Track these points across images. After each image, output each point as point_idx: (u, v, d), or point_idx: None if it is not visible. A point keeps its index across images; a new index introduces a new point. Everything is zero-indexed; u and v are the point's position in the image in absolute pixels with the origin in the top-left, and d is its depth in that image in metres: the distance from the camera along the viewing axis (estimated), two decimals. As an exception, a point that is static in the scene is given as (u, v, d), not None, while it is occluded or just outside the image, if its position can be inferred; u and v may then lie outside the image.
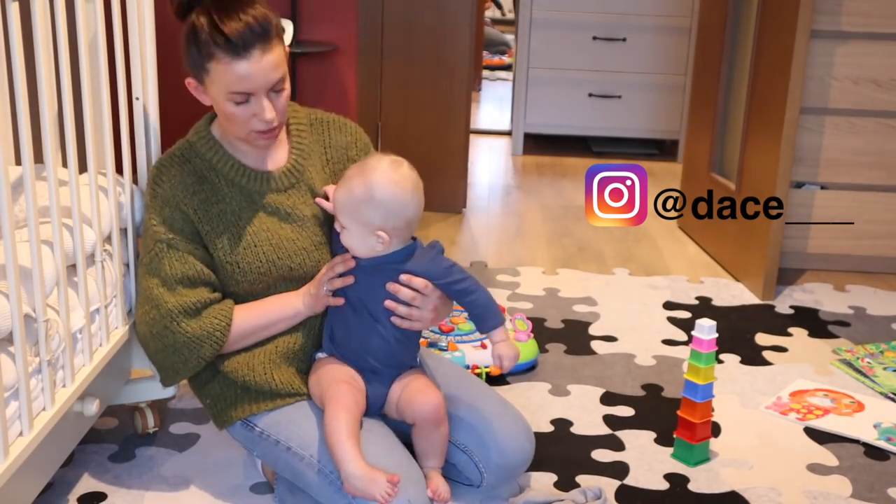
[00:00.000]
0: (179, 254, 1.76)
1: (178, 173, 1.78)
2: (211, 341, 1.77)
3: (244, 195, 1.80)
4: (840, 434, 2.24)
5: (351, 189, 1.72)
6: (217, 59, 1.68)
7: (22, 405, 1.56)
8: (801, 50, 2.86)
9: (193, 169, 1.79)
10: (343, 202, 1.73)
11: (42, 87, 1.59)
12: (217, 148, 1.80)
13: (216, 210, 1.78)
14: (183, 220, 1.76)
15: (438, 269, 1.78)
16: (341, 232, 1.75)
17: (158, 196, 1.77)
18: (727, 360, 2.62)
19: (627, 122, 4.86)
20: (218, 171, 1.79)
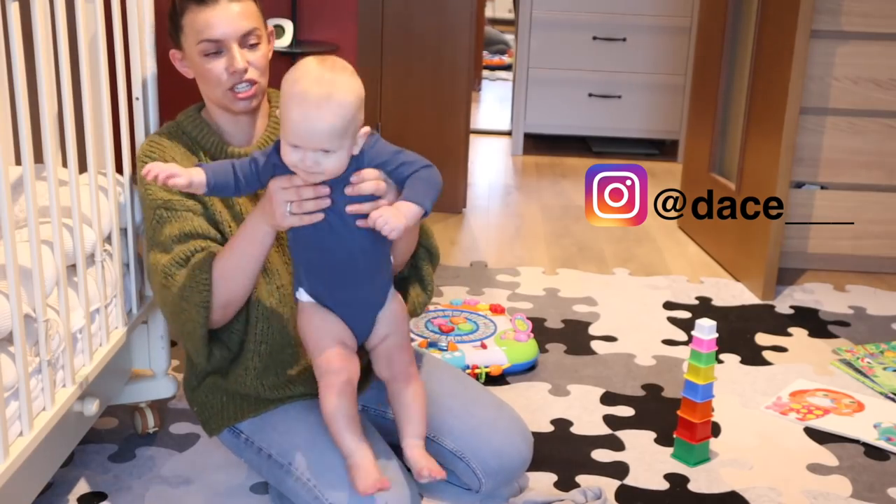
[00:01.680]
0: (176, 213, 1.74)
1: (169, 145, 1.79)
2: (196, 283, 1.68)
3: None
4: (840, 434, 2.24)
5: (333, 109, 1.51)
6: (188, 12, 1.74)
7: (22, 405, 1.56)
8: (801, 50, 2.86)
9: (181, 143, 1.80)
10: (334, 127, 1.51)
11: (42, 86, 1.58)
12: (203, 126, 1.81)
13: None
14: None
15: (386, 154, 1.58)
16: (321, 163, 1.53)
17: (151, 159, 1.75)
18: (727, 360, 2.62)
19: (627, 122, 4.86)
20: (203, 148, 1.80)
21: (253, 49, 1.76)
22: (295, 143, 1.51)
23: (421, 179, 1.55)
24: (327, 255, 1.61)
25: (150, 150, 1.77)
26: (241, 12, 1.74)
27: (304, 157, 1.51)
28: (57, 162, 1.71)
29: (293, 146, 1.51)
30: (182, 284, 1.69)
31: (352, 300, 1.67)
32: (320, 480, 1.69)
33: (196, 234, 1.72)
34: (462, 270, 3.25)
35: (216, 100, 1.79)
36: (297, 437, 1.76)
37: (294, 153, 1.52)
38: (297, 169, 1.53)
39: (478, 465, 1.83)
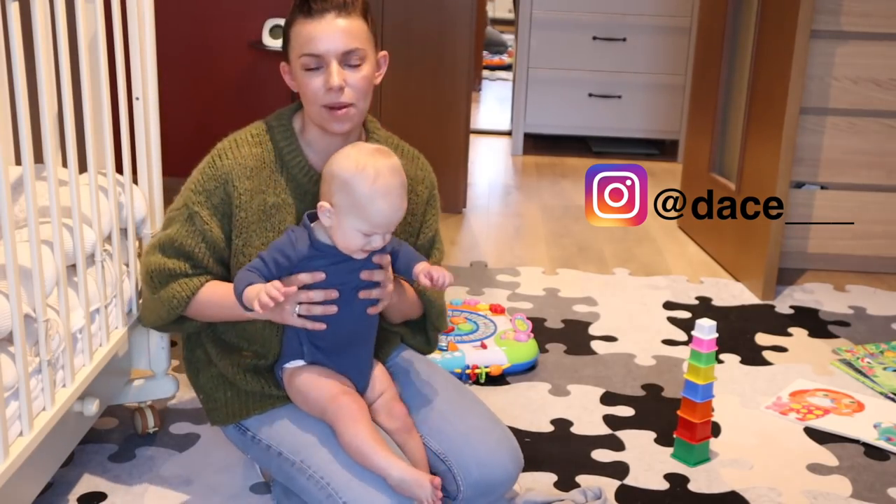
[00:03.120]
0: (193, 228, 1.74)
1: (247, 154, 1.75)
2: (169, 306, 1.76)
3: (298, 193, 1.76)
4: (840, 434, 2.24)
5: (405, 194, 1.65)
6: (295, 23, 1.71)
7: (22, 405, 1.56)
8: (802, 50, 2.86)
9: (261, 153, 1.76)
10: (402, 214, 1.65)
11: (42, 86, 1.59)
12: (291, 139, 1.77)
13: (261, 199, 1.74)
14: (223, 200, 1.74)
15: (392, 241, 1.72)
16: (381, 242, 1.66)
17: (215, 168, 1.74)
18: (727, 360, 2.62)
19: (627, 122, 4.87)
20: (283, 161, 1.76)
21: (354, 69, 1.70)
22: (374, 231, 1.61)
23: (407, 249, 1.75)
24: (337, 325, 1.68)
25: (218, 158, 1.76)
26: (347, 29, 1.68)
27: (374, 240, 1.63)
28: (57, 162, 1.71)
29: (365, 233, 1.61)
30: (157, 297, 1.77)
31: (350, 363, 1.75)
32: (333, 479, 1.67)
33: (191, 257, 1.75)
34: (462, 270, 3.25)
35: (313, 116, 1.74)
36: (308, 434, 1.74)
37: (361, 239, 1.62)
38: (352, 250, 1.64)
39: (459, 471, 1.78)
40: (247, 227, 1.74)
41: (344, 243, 1.62)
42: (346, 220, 1.61)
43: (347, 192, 1.59)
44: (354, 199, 1.59)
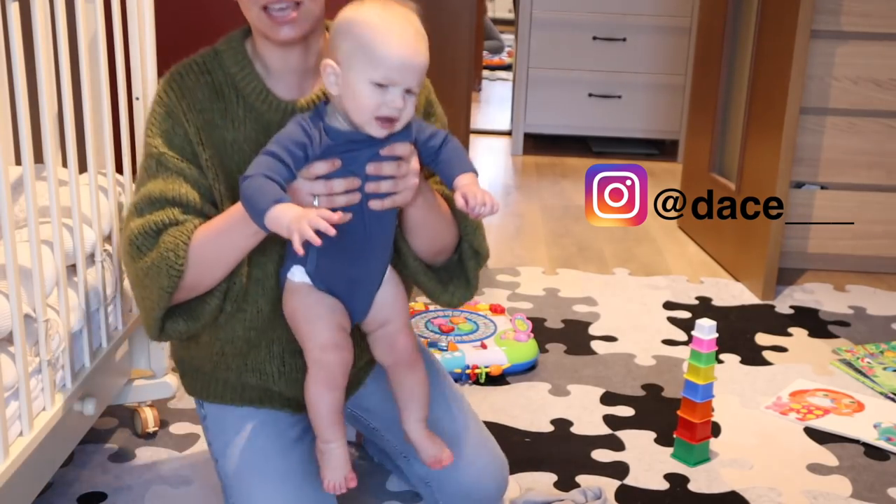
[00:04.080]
0: (166, 171, 1.48)
1: (193, 84, 1.49)
2: (167, 266, 1.44)
3: (260, 125, 1.50)
4: (840, 434, 2.24)
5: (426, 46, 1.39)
6: None
7: (22, 405, 1.56)
8: (802, 50, 2.86)
9: (211, 82, 1.50)
10: (426, 65, 1.39)
11: (42, 86, 1.59)
12: (245, 63, 1.50)
13: (220, 135, 1.49)
14: (183, 138, 1.48)
15: (416, 125, 1.45)
16: (405, 107, 1.38)
17: (163, 105, 1.49)
18: (727, 360, 2.62)
19: (627, 122, 4.87)
20: (239, 90, 1.50)
21: None
22: (387, 79, 1.33)
23: (455, 149, 1.46)
24: (350, 227, 1.39)
25: (163, 93, 1.50)
26: None
27: (392, 97, 1.34)
28: (57, 162, 1.71)
29: (378, 84, 1.33)
30: (149, 264, 1.45)
31: (357, 277, 1.49)
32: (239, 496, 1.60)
33: (177, 202, 1.46)
34: (462, 270, 3.25)
35: (255, 26, 1.49)
36: (241, 450, 1.63)
37: (378, 94, 1.34)
38: (366, 117, 1.35)
39: (442, 497, 1.71)
40: (220, 167, 1.49)
41: (356, 108, 1.35)
42: (354, 75, 1.34)
43: (351, 33, 1.34)
44: (359, 36, 1.34)
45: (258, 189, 1.31)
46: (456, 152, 1.45)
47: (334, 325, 1.47)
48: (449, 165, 1.44)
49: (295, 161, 1.35)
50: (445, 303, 1.64)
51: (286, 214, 1.27)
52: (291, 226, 1.25)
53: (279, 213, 1.28)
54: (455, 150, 1.45)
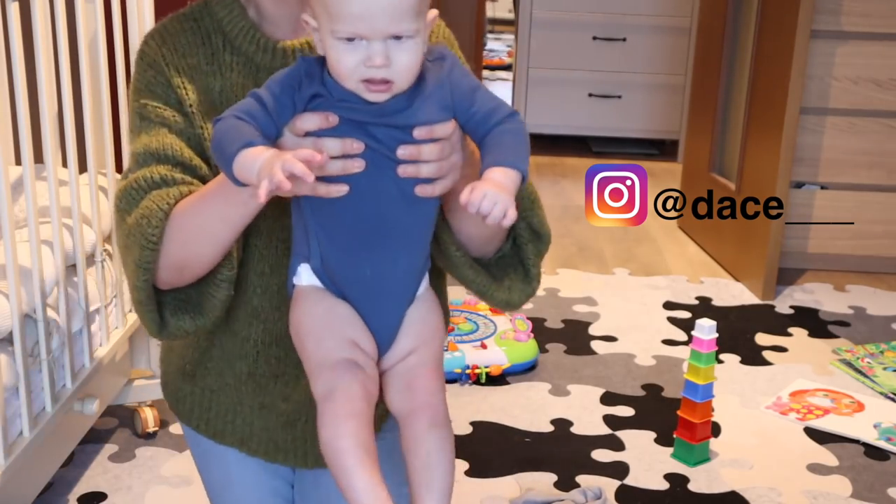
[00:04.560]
0: (149, 124, 1.27)
1: (176, 31, 1.30)
2: (141, 235, 1.19)
3: (248, 69, 1.29)
4: (840, 434, 2.24)
5: None
6: None
7: (22, 405, 1.56)
8: (802, 50, 2.86)
9: (197, 28, 1.31)
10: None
11: (42, 86, 1.59)
12: (234, 6, 1.30)
13: (206, 83, 1.28)
14: (165, 85, 1.27)
15: (462, 90, 1.12)
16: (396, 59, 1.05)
17: (144, 58, 1.29)
18: (727, 360, 2.62)
19: (627, 122, 4.86)
20: (225, 34, 1.30)
21: None
22: (352, 32, 1.04)
23: (511, 134, 1.12)
24: (357, 207, 1.10)
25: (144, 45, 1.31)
26: None
27: (369, 53, 1.04)
28: (57, 162, 1.71)
29: (347, 40, 1.04)
30: (126, 232, 1.22)
31: (377, 279, 1.13)
32: None
33: (163, 157, 1.24)
34: (462, 270, 3.25)
35: None
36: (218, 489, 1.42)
37: (351, 51, 1.04)
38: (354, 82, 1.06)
39: None
40: (206, 115, 1.27)
41: (337, 74, 1.07)
42: (322, 33, 1.07)
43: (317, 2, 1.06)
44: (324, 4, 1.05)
45: (227, 132, 1.05)
46: (506, 136, 1.12)
47: (349, 342, 1.12)
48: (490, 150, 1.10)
49: (280, 108, 1.08)
50: (502, 302, 1.27)
51: (257, 158, 1.01)
52: (261, 172, 0.99)
53: (249, 158, 1.02)
54: (505, 135, 1.12)
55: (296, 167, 0.98)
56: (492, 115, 1.12)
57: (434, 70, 1.11)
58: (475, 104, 1.12)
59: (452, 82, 1.12)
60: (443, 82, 1.11)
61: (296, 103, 1.09)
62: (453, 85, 1.12)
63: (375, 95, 1.07)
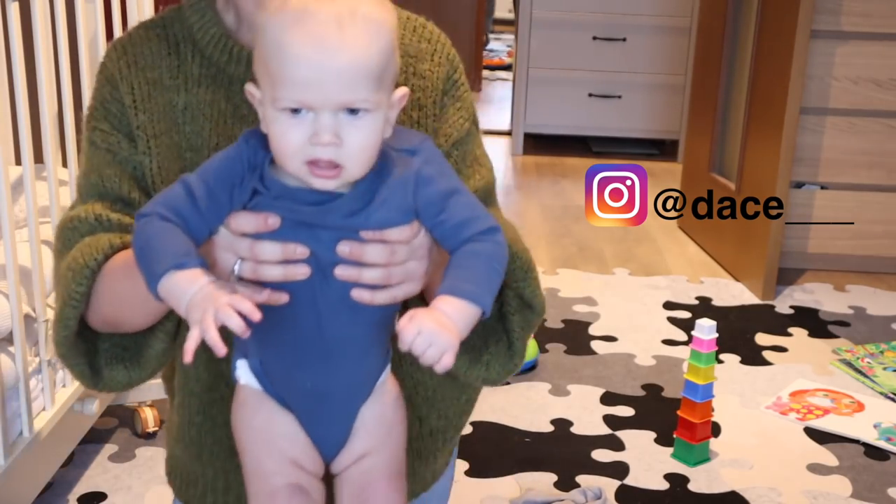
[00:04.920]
0: (96, 151, 1.12)
1: (140, 40, 1.14)
2: (65, 290, 1.05)
3: (218, 82, 1.12)
4: (840, 434, 2.24)
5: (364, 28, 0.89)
6: None
7: (22, 405, 1.56)
8: (802, 50, 2.86)
9: (165, 36, 1.14)
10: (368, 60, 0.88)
11: (42, 86, 1.59)
12: (206, 11, 1.14)
13: (166, 98, 1.11)
14: (118, 104, 1.12)
15: (433, 189, 0.95)
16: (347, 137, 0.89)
17: (103, 71, 1.15)
18: (727, 360, 2.62)
19: (627, 122, 4.86)
20: (195, 42, 1.13)
21: None
22: (298, 101, 0.88)
23: (481, 257, 0.93)
24: (295, 316, 0.96)
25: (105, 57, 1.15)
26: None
27: (315, 127, 0.88)
28: (57, 162, 1.71)
29: (292, 111, 0.89)
30: (57, 276, 1.11)
31: (319, 389, 0.99)
32: None
33: (102, 191, 1.10)
34: (462, 270, 3.25)
35: None
36: None
37: (296, 125, 0.89)
38: (297, 164, 0.90)
39: None
40: (155, 137, 1.10)
41: (277, 153, 0.91)
42: (268, 107, 0.91)
43: (259, 44, 0.92)
44: (261, 40, 0.91)
45: (152, 239, 0.91)
46: (474, 259, 0.93)
47: (290, 462, 0.98)
48: (451, 271, 0.93)
49: (213, 206, 0.93)
50: (477, 380, 1.12)
51: (186, 290, 0.87)
52: (191, 311, 0.86)
53: (178, 286, 0.88)
54: (474, 257, 0.93)
55: (231, 320, 0.85)
56: (464, 227, 0.94)
57: (401, 163, 0.95)
58: (445, 211, 0.94)
59: (420, 181, 0.94)
60: (407, 181, 0.94)
61: (233, 199, 0.93)
62: (421, 184, 0.94)
63: (321, 182, 0.90)
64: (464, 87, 1.21)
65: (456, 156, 1.17)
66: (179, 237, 0.91)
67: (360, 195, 0.93)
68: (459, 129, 1.18)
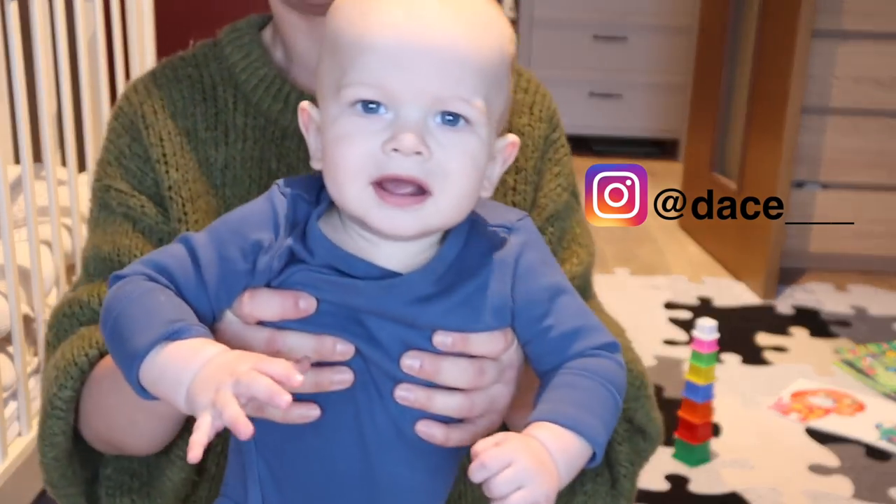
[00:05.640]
0: (111, 217, 0.91)
1: (167, 80, 0.93)
2: (47, 393, 0.84)
3: (268, 135, 0.90)
4: (841, 434, 2.24)
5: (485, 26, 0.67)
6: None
7: (21, 405, 1.56)
8: (803, 49, 2.86)
9: (199, 76, 0.93)
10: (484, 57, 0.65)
11: (41, 85, 1.58)
12: (253, 48, 0.93)
13: (202, 153, 0.90)
14: (141, 159, 0.90)
15: (534, 286, 0.69)
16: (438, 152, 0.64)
17: (121, 116, 0.93)
18: (728, 361, 2.61)
19: (628, 122, 4.86)
20: (238, 86, 0.92)
21: None
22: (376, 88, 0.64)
23: (596, 378, 0.67)
24: (328, 446, 0.68)
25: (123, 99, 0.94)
26: None
27: (396, 128, 0.63)
28: (56, 161, 1.71)
29: (364, 106, 0.64)
30: (44, 374, 0.87)
31: None
32: None
33: (114, 264, 0.88)
34: (462, 270, 3.25)
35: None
36: None
37: (367, 125, 0.64)
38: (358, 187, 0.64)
39: None
40: (192, 202, 0.88)
41: (335, 167, 0.65)
42: (330, 111, 0.66)
43: (330, 41, 0.68)
44: (334, 23, 0.67)
45: (131, 307, 0.64)
46: (586, 381, 0.67)
47: None
48: (552, 392, 0.67)
49: (228, 279, 0.67)
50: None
51: (185, 368, 0.60)
52: (197, 396, 0.59)
53: (171, 366, 0.61)
54: (586, 377, 0.67)
55: (258, 385, 0.57)
56: (575, 338, 0.68)
57: (496, 241, 0.68)
58: (551, 315, 0.68)
59: (521, 271, 0.68)
60: (504, 268, 0.67)
61: (256, 270, 0.66)
62: (522, 276, 0.68)
63: (390, 217, 0.63)
64: (564, 150, 1.01)
65: (551, 234, 0.94)
66: (171, 300, 0.64)
67: (438, 274, 0.65)
68: (556, 201, 0.96)
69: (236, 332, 0.68)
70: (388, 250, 0.67)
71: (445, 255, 0.66)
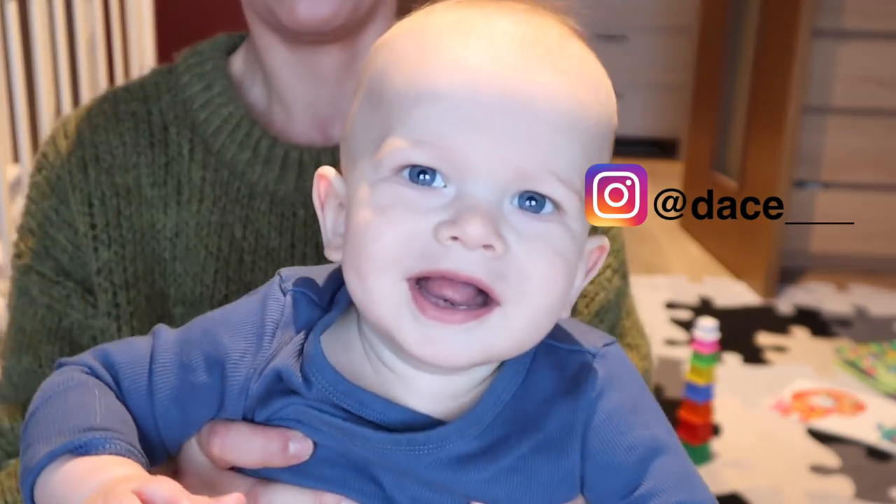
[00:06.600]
0: (31, 307, 0.75)
1: (105, 122, 0.75)
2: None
3: (235, 195, 0.74)
4: (842, 435, 2.24)
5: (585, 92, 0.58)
6: None
7: (20, 405, 1.55)
8: (803, 48, 2.85)
9: (147, 118, 0.75)
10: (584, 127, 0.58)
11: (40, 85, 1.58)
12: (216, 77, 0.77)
13: (146, 218, 0.74)
14: (68, 230, 0.74)
15: (613, 461, 0.51)
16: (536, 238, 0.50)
17: (45, 169, 0.76)
18: (728, 360, 2.61)
19: (628, 122, 4.85)
20: (195, 127, 0.75)
21: None
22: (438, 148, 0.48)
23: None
24: None
25: (49, 145, 0.77)
26: None
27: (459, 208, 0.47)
28: (55, 161, 1.71)
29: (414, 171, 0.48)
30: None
31: None
32: None
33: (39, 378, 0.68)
34: (463, 270, 3.25)
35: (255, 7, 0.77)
36: None
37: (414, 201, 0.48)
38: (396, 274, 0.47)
39: None
40: (127, 287, 0.72)
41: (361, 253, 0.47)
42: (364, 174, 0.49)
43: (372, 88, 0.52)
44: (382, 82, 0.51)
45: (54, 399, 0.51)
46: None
47: None
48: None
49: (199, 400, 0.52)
50: None
51: (74, 491, 0.46)
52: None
53: (69, 479, 0.47)
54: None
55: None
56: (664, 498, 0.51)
57: (570, 377, 0.52)
58: (647, 479, 0.51)
59: (597, 423, 0.51)
60: (573, 426, 0.51)
61: (225, 389, 0.51)
62: (600, 428, 0.51)
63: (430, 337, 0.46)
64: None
65: (607, 325, 0.78)
66: (105, 402, 0.49)
67: (484, 424, 0.48)
68: (606, 287, 0.78)
69: (201, 472, 0.50)
70: (421, 384, 0.48)
71: (498, 396, 0.47)
